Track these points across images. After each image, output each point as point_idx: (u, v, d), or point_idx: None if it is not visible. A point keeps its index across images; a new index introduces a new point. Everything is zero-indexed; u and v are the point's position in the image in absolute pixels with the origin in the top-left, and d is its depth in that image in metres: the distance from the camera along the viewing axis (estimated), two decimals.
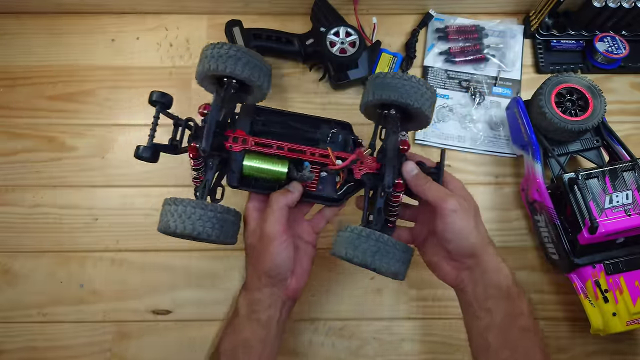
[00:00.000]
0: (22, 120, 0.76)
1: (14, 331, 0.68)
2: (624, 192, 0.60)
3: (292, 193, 0.52)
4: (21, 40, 0.80)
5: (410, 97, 0.50)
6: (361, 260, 0.47)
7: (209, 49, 0.51)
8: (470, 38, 0.78)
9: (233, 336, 0.52)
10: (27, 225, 0.72)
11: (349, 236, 0.49)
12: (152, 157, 0.50)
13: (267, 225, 0.50)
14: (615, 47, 0.75)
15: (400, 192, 0.52)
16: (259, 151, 0.53)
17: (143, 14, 0.81)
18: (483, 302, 0.48)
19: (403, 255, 0.50)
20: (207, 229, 0.48)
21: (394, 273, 0.49)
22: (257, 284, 0.52)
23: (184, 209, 0.47)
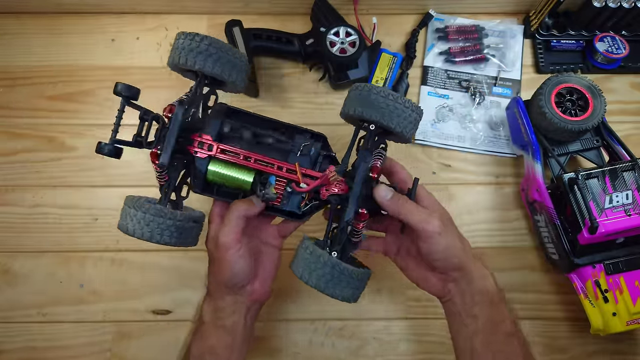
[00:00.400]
0: (22, 120, 0.76)
1: (14, 331, 0.68)
2: (624, 192, 0.59)
3: (254, 206, 0.50)
4: (21, 40, 0.80)
5: (392, 120, 0.48)
6: (315, 285, 0.47)
7: (180, 38, 0.49)
8: (470, 38, 0.78)
9: (200, 342, 0.52)
10: (27, 225, 0.72)
11: (308, 259, 0.48)
12: (114, 153, 0.47)
13: (222, 235, 0.49)
14: (615, 47, 0.75)
15: (364, 222, 0.50)
16: (224, 159, 0.51)
17: (143, 14, 0.81)
18: (470, 309, 0.49)
19: (358, 282, 0.49)
20: (165, 237, 0.47)
21: (346, 298, 0.49)
22: (218, 292, 0.52)
23: (142, 215, 0.46)
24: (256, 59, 0.76)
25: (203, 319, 0.52)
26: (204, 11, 0.81)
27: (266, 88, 0.77)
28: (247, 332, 0.53)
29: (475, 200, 0.72)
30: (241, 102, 0.77)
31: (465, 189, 0.73)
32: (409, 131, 0.50)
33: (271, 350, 0.67)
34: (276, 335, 0.67)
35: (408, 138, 0.51)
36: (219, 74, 0.49)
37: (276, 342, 0.67)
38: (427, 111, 0.75)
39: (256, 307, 0.54)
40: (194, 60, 0.48)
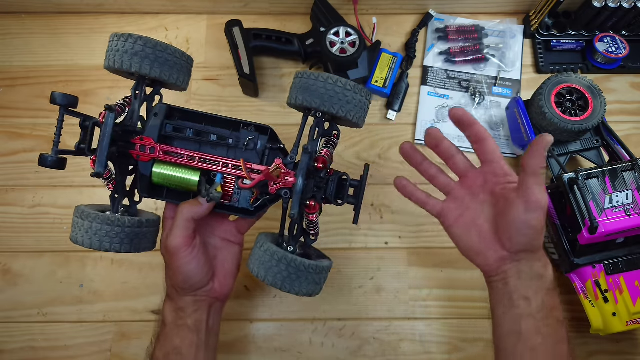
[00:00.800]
0: (22, 120, 0.76)
1: (14, 331, 0.68)
2: (624, 192, 0.59)
3: (201, 207, 0.48)
4: (21, 40, 0.80)
5: (334, 104, 0.46)
6: (272, 283, 0.46)
7: (114, 40, 0.48)
8: (470, 38, 0.78)
9: (164, 344, 0.51)
10: (27, 225, 0.72)
11: (262, 256, 0.47)
12: (57, 164, 0.47)
13: (171, 239, 0.48)
14: (615, 47, 0.75)
15: (315, 213, 0.49)
16: (166, 161, 0.49)
17: (143, 14, 0.81)
18: (524, 291, 0.46)
19: (317, 276, 0.48)
20: (114, 245, 0.47)
21: (307, 294, 0.47)
22: (176, 294, 0.51)
23: (89, 224, 0.46)
24: (256, 59, 0.76)
25: (165, 321, 0.51)
26: (204, 11, 0.81)
27: (266, 88, 0.77)
28: (212, 329, 0.52)
29: None
30: (241, 101, 0.77)
31: None
32: (355, 115, 0.48)
33: (272, 350, 0.67)
34: (278, 334, 0.67)
35: (356, 122, 0.49)
36: (158, 75, 0.48)
37: (278, 342, 0.67)
38: (427, 111, 0.76)
39: (218, 305, 0.53)
40: (130, 62, 0.47)
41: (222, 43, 0.78)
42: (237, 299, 0.68)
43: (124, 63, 0.47)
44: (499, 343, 0.48)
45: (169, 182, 0.50)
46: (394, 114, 0.75)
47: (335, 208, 0.72)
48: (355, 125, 0.50)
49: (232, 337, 0.67)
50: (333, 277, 0.69)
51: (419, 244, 0.70)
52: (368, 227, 0.71)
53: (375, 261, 0.70)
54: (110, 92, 0.77)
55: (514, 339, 0.46)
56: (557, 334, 0.46)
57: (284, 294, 0.68)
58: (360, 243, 0.70)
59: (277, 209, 0.68)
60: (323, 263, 0.49)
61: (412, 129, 0.75)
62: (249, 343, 0.67)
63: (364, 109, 0.49)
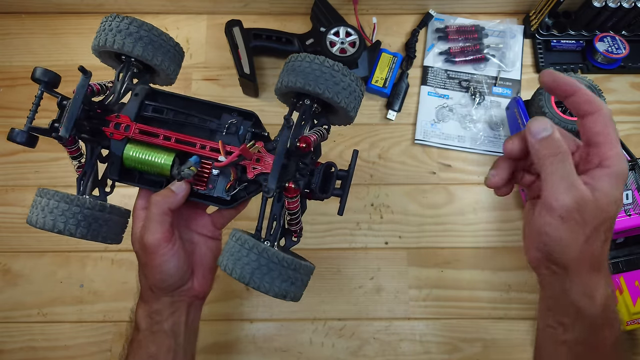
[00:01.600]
0: (22, 121, 0.76)
1: (14, 331, 0.68)
2: (624, 192, 0.60)
3: (174, 194, 0.44)
4: (21, 40, 0.80)
5: (319, 85, 0.42)
6: (239, 275, 0.41)
7: (108, 20, 0.46)
8: (470, 38, 0.78)
9: (138, 352, 0.47)
10: (27, 225, 0.71)
11: (233, 246, 0.42)
12: (28, 141, 0.44)
13: (148, 235, 0.44)
14: (615, 47, 0.75)
15: (295, 198, 0.44)
16: (143, 140, 0.46)
17: (143, 14, 0.81)
18: (559, 316, 0.39)
19: (292, 273, 0.42)
20: (69, 226, 0.43)
21: (279, 293, 0.41)
22: (152, 295, 0.47)
23: (47, 202, 0.43)
24: (256, 59, 0.76)
25: (138, 326, 0.47)
26: (204, 11, 0.81)
27: (266, 88, 0.77)
28: (191, 329, 0.49)
29: (476, 200, 0.72)
30: (241, 101, 0.77)
31: (465, 189, 0.73)
32: (344, 99, 0.44)
33: (272, 350, 0.67)
34: (278, 334, 0.67)
35: (344, 108, 0.44)
36: (150, 59, 0.46)
37: (278, 342, 0.67)
38: (427, 111, 0.76)
39: (197, 304, 0.50)
40: (122, 42, 0.45)
41: (222, 43, 0.78)
42: (237, 298, 0.68)
43: (116, 42, 0.45)
44: (539, 343, 0.43)
45: (141, 165, 0.46)
46: (394, 114, 0.75)
47: (336, 208, 0.72)
48: (346, 114, 0.46)
49: (232, 337, 0.67)
50: (333, 277, 0.69)
51: (419, 244, 0.70)
52: (368, 227, 0.71)
53: (375, 261, 0.70)
54: None
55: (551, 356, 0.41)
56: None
57: None
58: (360, 243, 0.70)
59: None
60: (302, 262, 0.44)
61: (412, 129, 0.75)
62: (249, 343, 0.67)
63: (354, 94, 0.45)
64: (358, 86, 0.45)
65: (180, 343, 0.47)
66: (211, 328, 0.67)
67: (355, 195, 0.72)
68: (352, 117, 0.47)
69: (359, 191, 0.72)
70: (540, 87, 0.66)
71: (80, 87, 0.44)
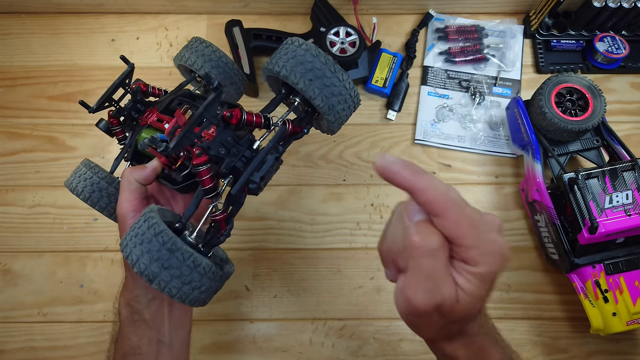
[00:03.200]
0: (22, 120, 0.76)
1: (14, 331, 0.68)
2: (624, 192, 0.59)
3: (144, 169, 0.46)
4: (21, 40, 0.80)
5: (294, 73, 0.39)
6: (134, 262, 0.37)
7: (197, 42, 0.54)
8: (470, 38, 0.78)
9: (121, 345, 0.45)
10: (27, 225, 0.72)
11: (141, 226, 0.38)
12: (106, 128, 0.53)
13: (119, 205, 0.45)
14: (615, 47, 0.75)
15: (200, 167, 0.40)
16: (154, 126, 0.49)
17: (143, 14, 0.81)
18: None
19: (192, 273, 0.37)
20: (101, 203, 0.49)
21: (176, 295, 0.37)
22: (130, 278, 0.45)
23: (90, 175, 0.49)
24: (256, 59, 0.76)
25: (120, 316, 0.46)
26: (204, 11, 0.81)
27: (266, 88, 0.77)
28: (178, 326, 0.46)
29: (476, 200, 0.72)
30: (241, 101, 0.77)
31: (465, 189, 0.73)
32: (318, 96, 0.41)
33: (272, 350, 0.67)
34: (278, 334, 0.67)
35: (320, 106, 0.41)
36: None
37: (278, 342, 0.67)
38: (427, 111, 0.76)
39: None
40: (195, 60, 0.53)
41: (222, 43, 0.78)
42: (237, 299, 0.68)
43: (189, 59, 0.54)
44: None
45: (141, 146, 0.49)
46: (394, 114, 0.75)
47: (336, 208, 0.72)
48: (321, 111, 0.42)
49: (232, 337, 0.67)
50: (333, 277, 0.69)
51: None
52: (368, 227, 0.71)
53: (375, 261, 0.70)
54: None
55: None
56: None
57: (284, 293, 0.68)
58: (360, 243, 0.70)
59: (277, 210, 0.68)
60: (203, 260, 0.38)
61: (412, 129, 0.75)
62: (249, 343, 0.67)
63: (335, 86, 0.41)
64: (344, 85, 0.42)
65: (165, 334, 0.45)
66: (211, 328, 0.67)
67: (355, 195, 0.72)
68: (328, 114, 0.43)
69: (359, 191, 0.72)
70: (541, 87, 0.66)
71: (123, 74, 0.52)
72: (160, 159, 0.47)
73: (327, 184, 0.73)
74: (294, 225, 0.71)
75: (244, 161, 0.42)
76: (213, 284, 0.40)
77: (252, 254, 0.70)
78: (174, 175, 0.47)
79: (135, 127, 0.52)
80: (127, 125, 0.53)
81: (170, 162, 0.47)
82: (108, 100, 0.51)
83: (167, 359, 0.45)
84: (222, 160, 0.42)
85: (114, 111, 0.52)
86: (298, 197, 0.72)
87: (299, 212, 0.71)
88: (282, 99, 0.45)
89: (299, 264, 0.69)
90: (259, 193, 0.43)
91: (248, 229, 0.71)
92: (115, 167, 0.53)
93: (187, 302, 0.38)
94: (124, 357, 0.45)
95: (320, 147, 0.74)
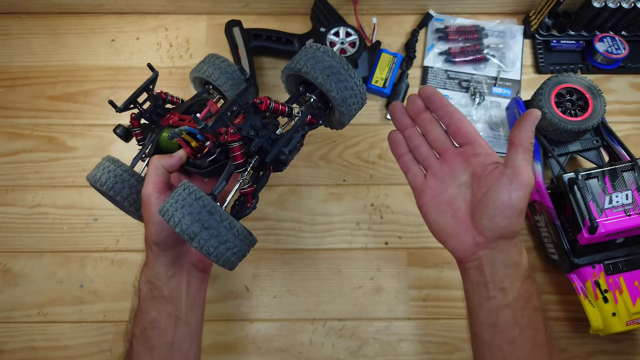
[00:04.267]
0: (22, 120, 0.76)
1: (14, 331, 0.68)
2: (623, 192, 0.60)
3: (171, 157, 0.49)
4: (21, 40, 0.80)
5: (315, 70, 0.45)
6: (176, 223, 0.40)
7: (213, 57, 0.58)
8: (470, 38, 0.78)
9: (140, 319, 0.47)
10: (27, 225, 0.72)
11: (180, 194, 0.42)
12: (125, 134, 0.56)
13: (145, 187, 0.47)
14: (615, 48, 0.75)
15: (234, 144, 0.45)
16: (175, 125, 0.53)
17: (143, 14, 0.81)
18: (499, 282, 0.43)
19: (228, 234, 0.42)
20: (123, 194, 0.51)
21: (212, 253, 0.41)
22: (151, 255, 0.48)
23: (114, 168, 0.51)
24: (256, 59, 0.76)
25: (140, 294, 0.48)
26: (204, 11, 0.81)
27: (266, 88, 0.77)
28: (195, 303, 0.49)
29: None
30: None
31: None
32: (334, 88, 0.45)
33: (272, 350, 0.67)
34: (278, 334, 0.67)
35: (334, 97, 0.46)
36: (227, 90, 0.57)
37: (278, 342, 0.67)
38: None
39: (199, 276, 0.50)
40: (211, 72, 0.56)
41: (222, 43, 0.78)
42: (237, 299, 0.68)
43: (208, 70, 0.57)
44: (477, 331, 0.46)
45: (166, 144, 0.53)
46: None
47: (336, 208, 0.72)
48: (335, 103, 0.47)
49: (232, 337, 0.67)
50: (333, 277, 0.69)
51: (419, 244, 0.70)
52: (368, 227, 0.71)
53: (375, 261, 0.70)
54: (111, 92, 0.77)
55: (491, 330, 0.44)
56: (535, 324, 0.43)
57: (284, 293, 0.68)
58: (360, 243, 0.70)
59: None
60: (237, 223, 0.43)
61: None
62: (249, 343, 0.67)
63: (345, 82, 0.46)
64: (345, 70, 0.46)
65: (182, 310, 0.48)
66: (211, 328, 0.67)
67: (355, 195, 0.72)
68: (341, 108, 0.47)
69: (359, 191, 0.72)
70: (541, 87, 0.66)
71: (147, 80, 0.55)
72: (185, 149, 0.50)
73: (327, 184, 0.73)
74: (294, 226, 0.71)
75: (269, 142, 0.47)
76: (243, 247, 0.44)
77: (252, 254, 0.70)
78: (199, 162, 0.50)
79: (154, 129, 0.55)
80: (146, 128, 0.57)
81: (195, 151, 0.51)
82: (133, 102, 0.54)
83: (183, 334, 0.48)
84: (251, 141, 0.46)
85: (136, 113, 0.56)
86: (298, 197, 0.72)
87: (299, 212, 0.72)
88: (301, 95, 0.50)
89: (299, 264, 0.69)
90: (283, 169, 0.48)
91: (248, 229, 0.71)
92: (135, 164, 0.55)
93: (220, 262, 0.42)
94: (143, 330, 0.47)
95: (320, 147, 0.74)
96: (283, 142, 0.46)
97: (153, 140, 0.55)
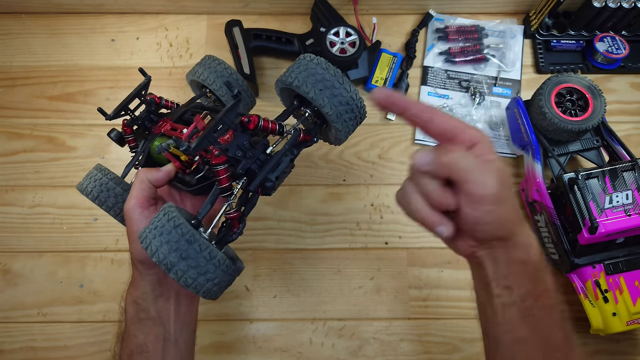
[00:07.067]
0: (22, 120, 0.76)
1: (14, 331, 0.68)
2: (623, 192, 0.59)
3: (158, 171, 0.47)
4: (21, 40, 0.80)
5: (306, 84, 0.42)
6: (154, 252, 0.38)
7: (210, 59, 0.56)
8: (470, 38, 0.78)
9: (127, 343, 0.45)
10: (27, 225, 0.72)
11: (160, 219, 0.40)
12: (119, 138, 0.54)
13: (127, 201, 0.45)
14: (615, 47, 0.75)
15: (219, 167, 0.43)
16: (167, 134, 0.51)
17: (143, 14, 0.81)
18: (503, 280, 0.41)
19: (207, 264, 0.39)
20: (108, 202, 0.50)
21: (191, 284, 0.39)
22: (137, 274, 0.46)
23: (101, 176, 0.51)
24: (256, 59, 0.76)
25: (126, 315, 0.46)
26: (203, 11, 0.81)
27: (266, 88, 0.77)
28: (184, 322, 0.47)
29: None
30: None
31: None
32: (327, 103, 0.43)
33: (272, 350, 0.67)
34: (278, 334, 0.67)
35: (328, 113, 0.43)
36: (223, 94, 0.55)
37: (278, 342, 0.67)
38: None
39: (188, 295, 0.47)
40: (207, 75, 0.55)
41: (222, 43, 0.78)
42: (237, 299, 0.68)
43: (204, 74, 0.56)
44: (485, 328, 0.44)
45: (154, 153, 0.52)
46: (394, 114, 0.75)
47: (336, 208, 0.72)
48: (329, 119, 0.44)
49: (232, 337, 0.67)
50: (333, 277, 0.69)
51: (419, 244, 0.70)
52: (368, 227, 0.71)
53: (375, 261, 0.70)
54: (110, 92, 0.77)
55: (498, 328, 0.42)
56: (547, 322, 0.41)
57: (284, 293, 0.68)
58: (360, 243, 0.70)
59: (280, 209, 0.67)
60: (218, 253, 0.40)
61: (412, 129, 0.75)
62: (249, 343, 0.67)
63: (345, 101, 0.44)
64: (343, 86, 0.44)
65: (171, 332, 0.45)
66: (211, 328, 0.67)
67: (355, 195, 0.72)
68: (336, 123, 0.45)
69: (359, 191, 0.72)
70: (541, 87, 0.66)
71: (139, 86, 0.53)
72: (174, 163, 0.48)
73: (327, 184, 0.73)
74: (294, 225, 0.71)
75: (258, 164, 0.44)
76: (226, 277, 0.41)
77: (252, 254, 0.70)
78: (188, 178, 0.48)
79: (148, 136, 0.53)
80: (139, 134, 0.54)
81: (184, 166, 0.48)
82: (124, 109, 0.52)
83: (173, 357, 0.45)
84: (238, 163, 0.44)
85: (128, 120, 0.53)
86: (298, 197, 0.72)
87: (299, 212, 0.71)
88: (294, 110, 0.47)
89: (299, 264, 0.69)
90: (272, 193, 0.45)
91: (248, 229, 0.70)
92: (126, 173, 0.54)
93: (201, 294, 0.40)
94: (131, 356, 0.45)
95: (320, 147, 0.74)
96: (269, 167, 0.44)
97: (144, 149, 0.52)
